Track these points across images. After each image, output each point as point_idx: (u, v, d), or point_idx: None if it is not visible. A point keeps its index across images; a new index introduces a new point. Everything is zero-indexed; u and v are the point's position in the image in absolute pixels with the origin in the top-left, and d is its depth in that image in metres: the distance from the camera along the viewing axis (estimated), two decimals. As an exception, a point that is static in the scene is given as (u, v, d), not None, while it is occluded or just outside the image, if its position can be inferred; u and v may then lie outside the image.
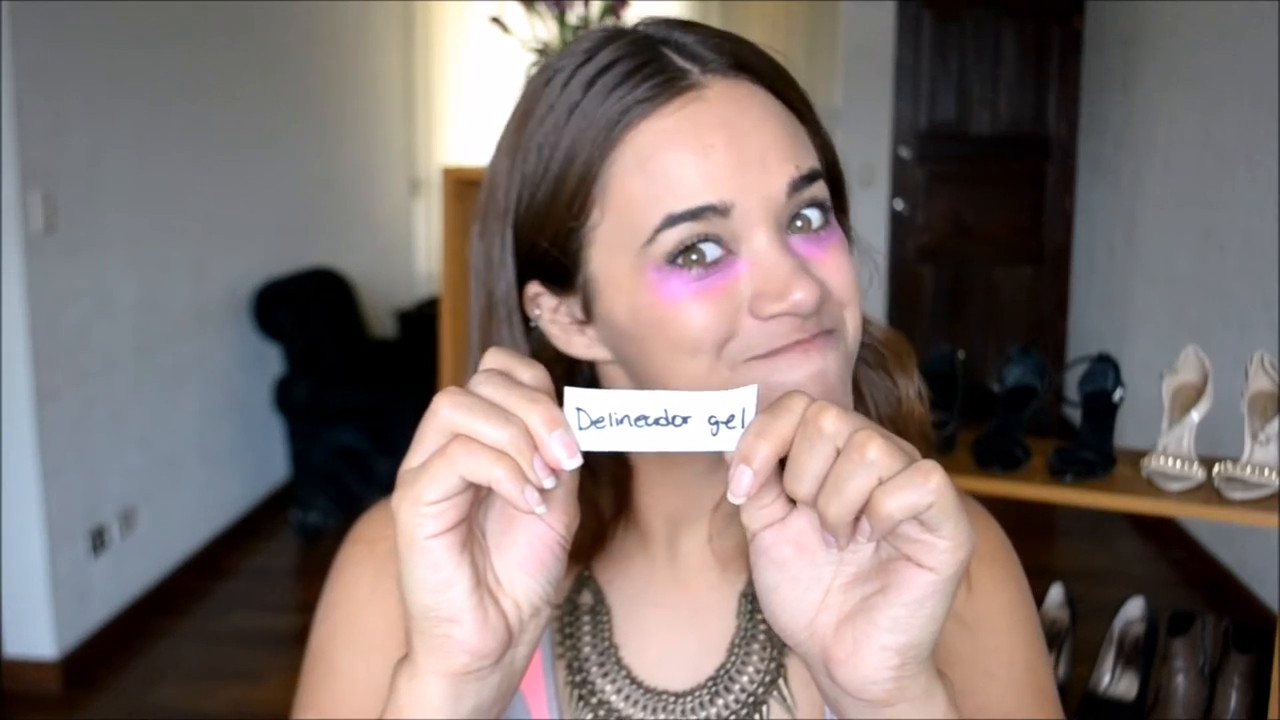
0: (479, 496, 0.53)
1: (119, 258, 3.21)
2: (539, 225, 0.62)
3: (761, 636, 0.70)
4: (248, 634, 3.29)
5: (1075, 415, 1.76)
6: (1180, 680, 1.77)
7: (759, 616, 0.70)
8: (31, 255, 2.80)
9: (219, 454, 3.83)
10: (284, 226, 4.31)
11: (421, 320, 4.49)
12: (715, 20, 5.85)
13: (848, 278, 0.62)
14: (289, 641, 3.35)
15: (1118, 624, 1.94)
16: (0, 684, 2.88)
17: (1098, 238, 4.87)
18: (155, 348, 3.42)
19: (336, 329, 4.25)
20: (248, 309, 3.93)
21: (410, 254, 5.78)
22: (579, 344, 0.65)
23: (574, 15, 2.00)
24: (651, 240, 0.58)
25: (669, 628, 0.71)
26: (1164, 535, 3.85)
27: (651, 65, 0.60)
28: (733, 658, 0.70)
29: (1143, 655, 1.88)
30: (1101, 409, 1.69)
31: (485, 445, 0.49)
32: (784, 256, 0.59)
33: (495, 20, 2.08)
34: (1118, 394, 1.70)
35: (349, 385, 4.05)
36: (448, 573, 0.51)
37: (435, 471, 0.50)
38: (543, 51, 2.03)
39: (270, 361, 4.02)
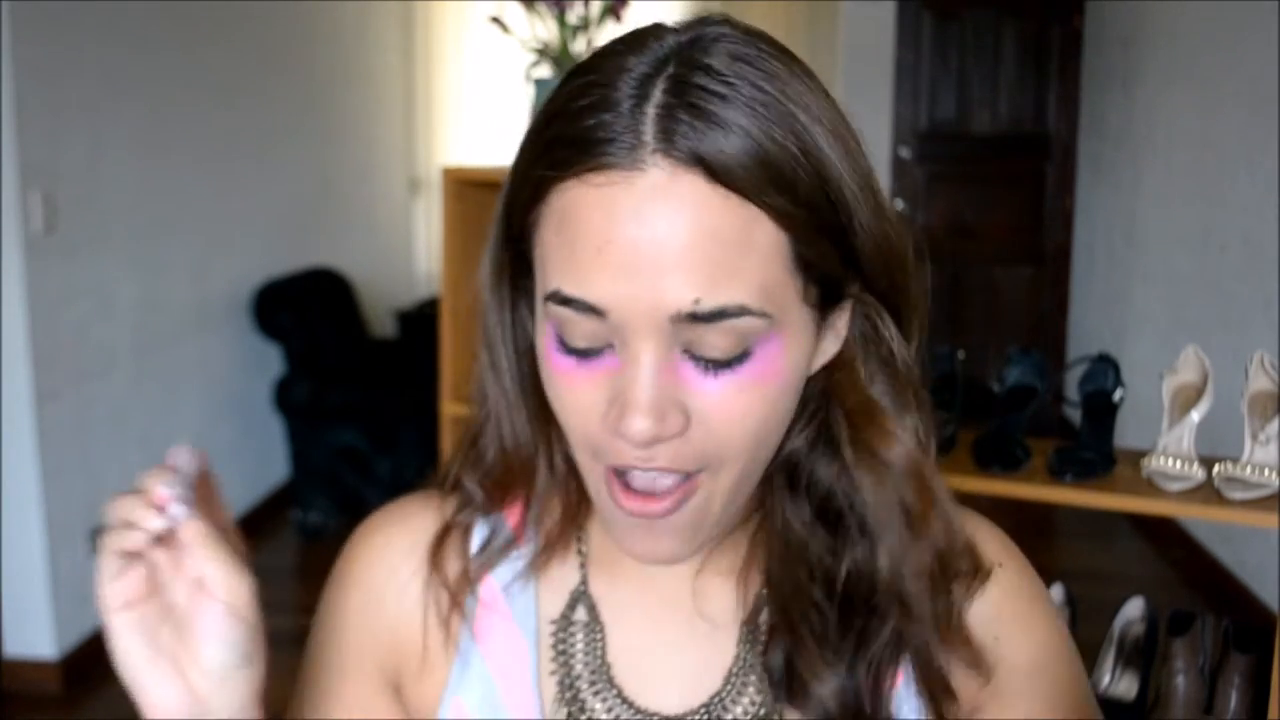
0: (156, 579, 0.62)
1: (119, 258, 3.21)
2: (514, 201, 0.61)
3: (759, 669, 0.67)
4: (248, 634, 3.29)
5: (1075, 415, 1.76)
6: (1180, 680, 1.77)
7: (759, 648, 0.68)
8: (31, 255, 2.79)
9: (219, 454, 3.81)
10: (284, 226, 4.31)
11: (421, 320, 4.49)
12: (715, 20, 5.84)
13: (734, 419, 0.57)
14: (289, 641, 3.34)
15: (1118, 624, 1.94)
16: (0, 684, 2.88)
17: (1098, 238, 4.87)
18: (155, 348, 3.42)
19: (336, 329, 4.25)
20: (248, 309, 3.93)
21: (410, 254, 5.78)
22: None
23: (574, 15, 2.00)
24: (545, 300, 0.57)
25: (664, 648, 0.69)
26: (1164, 535, 3.85)
27: (610, 118, 0.54)
28: (729, 686, 0.68)
29: (1143, 655, 1.88)
30: (1101, 409, 1.69)
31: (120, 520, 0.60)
32: (645, 378, 0.55)
33: (495, 20, 2.08)
34: (1118, 394, 1.70)
35: (349, 385, 4.05)
36: (125, 643, 0.61)
37: (100, 559, 0.61)
38: (543, 51, 2.03)
39: (270, 361, 4.02)
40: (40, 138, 2.82)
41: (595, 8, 2.01)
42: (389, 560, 0.72)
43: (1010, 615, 0.69)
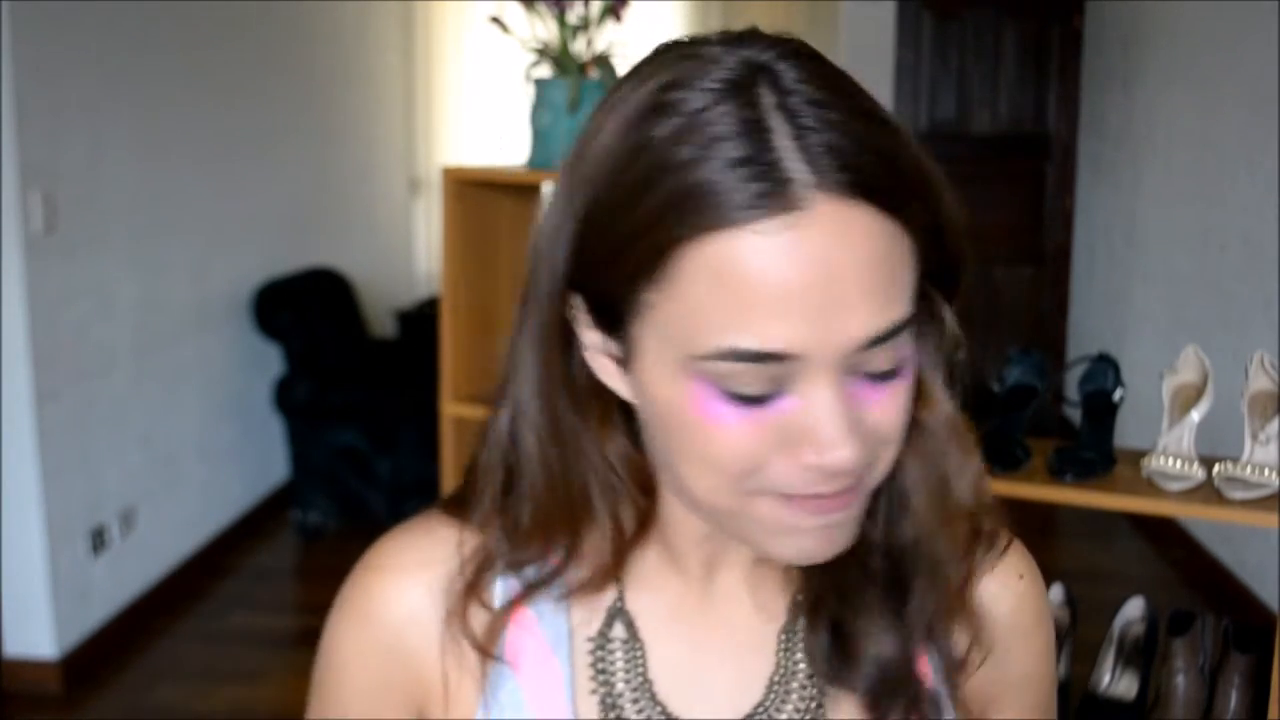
0: None
1: (119, 258, 3.21)
2: (602, 259, 0.57)
3: (800, 675, 0.68)
4: (248, 634, 3.30)
5: (1075, 415, 1.76)
6: (1180, 680, 1.77)
7: (798, 655, 0.68)
8: (31, 255, 2.79)
9: (219, 454, 3.83)
10: (284, 226, 4.31)
11: (421, 320, 4.49)
12: (715, 20, 5.85)
13: (898, 421, 0.58)
14: (289, 641, 3.35)
15: (1118, 624, 1.94)
16: (0, 684, 2.88)
17: (1098, 238, 4.87)
18: (155, 348, 3.42)
19: (336, 329, 4.25)
20: (248, 309, 3.93)
21: (410, 254, 5.78)
22: (617, 381, 0.61)
23: (574, 15, 2.00)
24: (705, 359, 0.54)
25: (705, 661, 0.68)
26: (1164, 535, 3.85)
27: (763, 161, 0.52)
28: (772, 695, 0.67)
29: (1143, 655, 1.88)
30: (1101, 409, 1.69)
31: None
32: (836, 410, 0.55)
33: (495, 20, 2.08)
34: (1118, 394, 1.70)
35: (349, 385, 4.05)
36: None
37: None
38: (543, 51, 2.03)
39: (270, 361, 4.02)
40: (40, 138, 2.82)
41: (595, 8, 2.01)
42: (409, 598, 0.69)
43: (1018, 628, 0.71)
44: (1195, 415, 1.63)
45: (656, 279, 0.54)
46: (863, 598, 0.66)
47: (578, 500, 0.64)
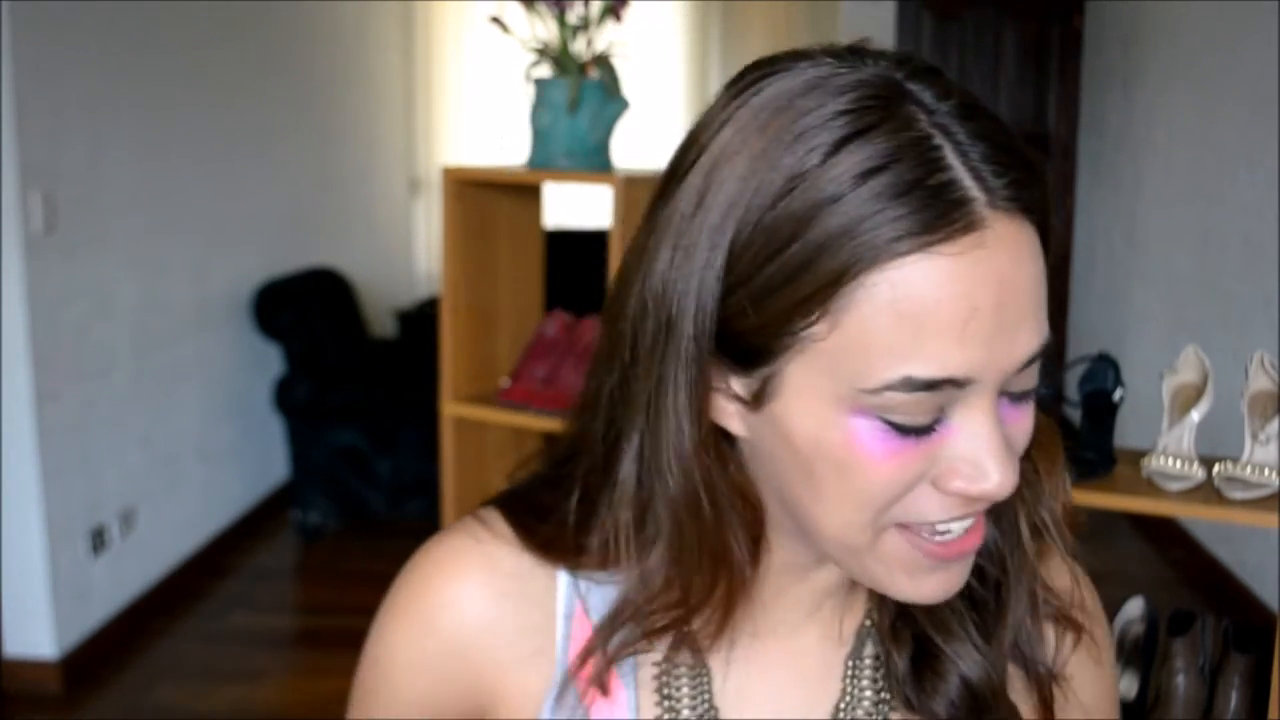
0: None
1: (119, 258, 3.21)
2: (751, 297, 0.54)
3: (866, 703, 0.67)
4: (248, 634, 3.30)
5: (1075, 415, 1.76)
6: (1180, 680, 1.77)
7: (864, 682, 0.67)
8: (31, 255, 2.80)
9: (219, 454, 3.83)
10: (284, 226, 4.31)
11: (421, 320, 4.49)
12: (715, 20, 5.85)
13: (1027, 441, 0.57)
14: (289, 641, 3.35)
15: (1118, 624, 1.94)
16: (0, 684, 2.88)
17: (1098, 238, 4.87)
18: (155, 348, 3.42)
19: (336, 329, 4.25)
20: (248, 309, 3.93)
21: (410, 254, 5.78)
22: (731, 417, 0.59)
23: (574, 15, 2.00)
24: (875, 391, 0.52)
25: (771, 688, 0.68)
26: (1164, 535, 3.85)
27: (936, 181, 0.50)
28: None
29: (1143, 655, 1.88)
30: (1101, 409, 1.69)
31: None
32: (994, 435, 0.54)
33: (495, 20, 2.08)
34: (1118, 394, 1.70)
35: (349, 385, 4.05)
36: None
37: None
38: (543, 52, 2.03)
39: (270, 361, 4.02)
40: (40, 138, 2.82)
41: (595, 8, 2.01)
42: (476, 604, 0.67)
43: (1081, 661, 0.70)
44: (1195, 415, 1.63)
45: (826, 312, 0.52)
46: (950, 616, 0.65)
47: (720, 550, 0.62)
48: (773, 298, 0.53)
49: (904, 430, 0.53)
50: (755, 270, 0.53)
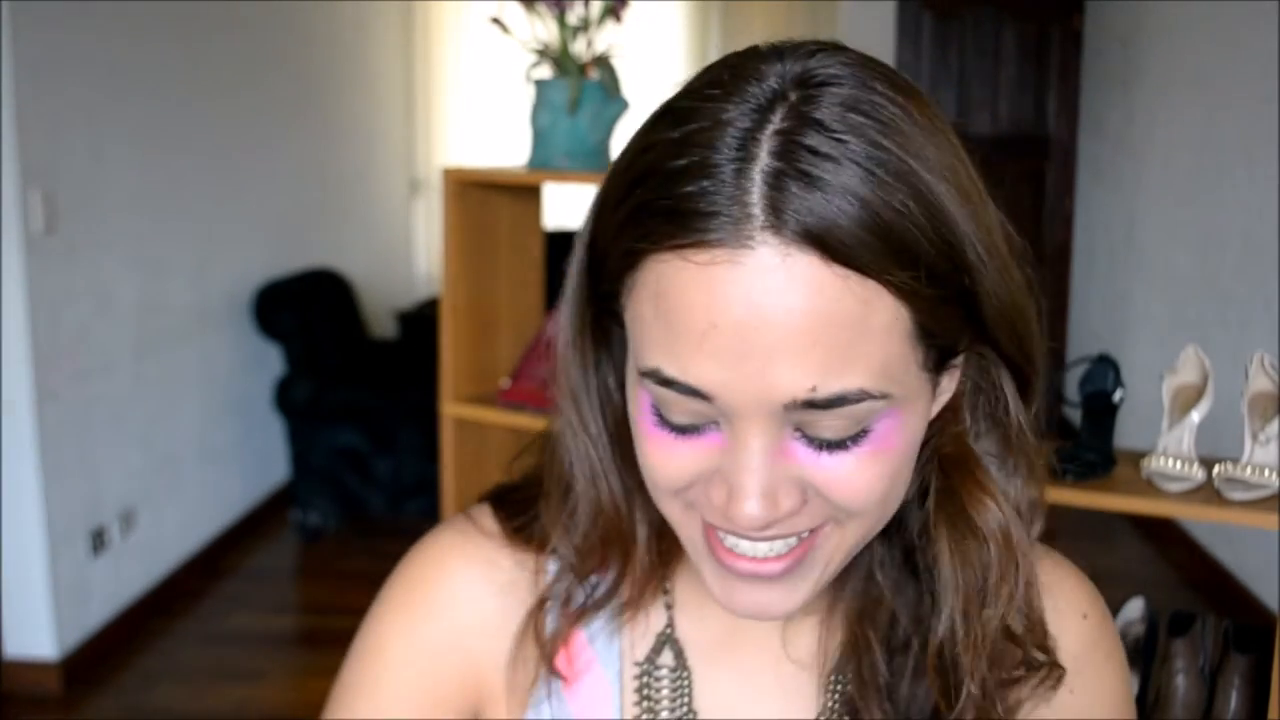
0: None
1: (119, 258, 3.21)
2: (599, 256, 0.56)
3: (847, 718, 0.66)
4: (248, 634, 3.30)
5: (1075, 415, 1.76)
6: (1180, 680, 1.77)
7: (841, 698, 0.66)
8: (31, 255, 2.79)
9: (219, 454, 3.83)
10: (284, 226, 4.31)
11: (421, 320, 4.49)
12: (715, 20, 5.85)
13: (859, 494, 0.53)
14: (289, 641, 3.35)
15: (1118, 624, 1.94)
16: (0, 684, 2.88)
17: (1098, 238, 4.87)
18: (155, 348, 3.42)
19: (336, 329, 4.25)
20: (248, 309, 3.93)
21: (410, 254, 5.78)
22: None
23: (574, 15, 2.00)
24: (641, 374, 0.53)
25: (751, 695, 0.67)
26: (1164, 536, 3.85)
27: (712, 191, 0.48)
28: None
29: (1143, 655, 1.88)
30: (1101, 409, 1.69)
31: None
32: (753, 464, 0.52)
33: (495, 20, 2.08)
34: (1118, 394, 1.70)
35: (349, 385, 4.05)
36: None
37: None
38: (543, 52, 2.03)
39: (270, 361, 4.02)
40: (40, 138, 2.82)
41: (595, 8, 2.01)
42: (473, 598, 0.68)
43: (1088, 668, 0.68)
44: (1195, 416, 1.63)
45: (627, 283, 0.53)
46: (900, 690, 0.64)
47: (627, 517, 0.63)
48: (607, 260, 0.54)
49: (666, 423, 0.54)
50: (603, 228, 0.55)
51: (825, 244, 0.48)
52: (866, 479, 0.53)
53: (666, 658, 0.67)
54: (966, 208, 0.52)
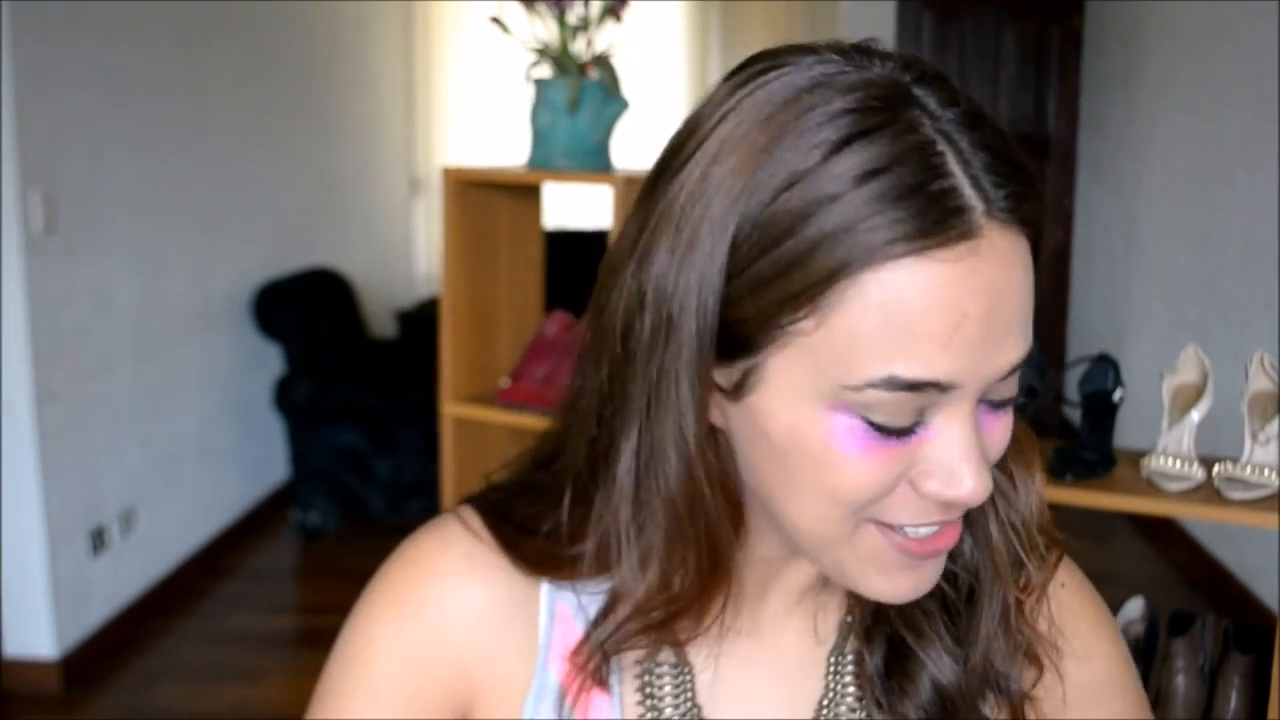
0: None
1: (119, 258, 3.21)
2: (744, 290, 0.53)
3: (850, 699, 0.67)
4: (248, 634, 3.29)
5: (1075, 415, 1.76)
6: (1180, 680, 1.77)
7: (847, 678, 0.67)
8: (31, 255, 2.79)
9: (219, 454, 3.83)
10: (284, 226, 4.31)
11: (421, 320, 4.49)
12: (715, 20, 5.85)
13: (1003, 448, 0.58)
14: (289, 641, 3.35)
15: (1118, 624, 1.94)
16: (0, 684, 2.88)
17: (1098, 238, 4.87)
18: (155, 348, 3.42)
19: (336, 329, 4.25)
20: (248, 309, 3.93)
21: (410, 254, 5.78)
22: (709, 407, 0.58)
23: (574, 15, 2.00)
24: (858, 389, 0.52)
25: (753, 686, 0.68)
26: (1164, 535, 3.85)
27: (936, 188, 0.51)
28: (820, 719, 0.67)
29: (1143, 655, 1.88)
30: (1101, 409, 1.69)
31: None
32: (971, 442, 0.54)
33: (495, 20, 2.08)
34: (1118, 394, 1.70)
35: (349, 385, 4.05)
36: None
37: None
38: (543, 52, 2.03)
39: (270, 361, 4.02)
40: (40, 138, 2.82)
41: (595, 8, 2.01)
42: (463, 600, 0.67)
43: (1072, 636, 0.69)
44: (1195, 415, 1.63)
45: (816, 308, 0.52)
46: (922, 618, 0.65)
47: (713, 542, 0.61)
48: (763, 291, 0.53)
49: (882, 430, 0.53)
50: (749, 264, 0.53)
51: (1027, 221, 0.53)
52: (1009, 432, 0.58)
53: (667, 654, 0.67)
54: None
